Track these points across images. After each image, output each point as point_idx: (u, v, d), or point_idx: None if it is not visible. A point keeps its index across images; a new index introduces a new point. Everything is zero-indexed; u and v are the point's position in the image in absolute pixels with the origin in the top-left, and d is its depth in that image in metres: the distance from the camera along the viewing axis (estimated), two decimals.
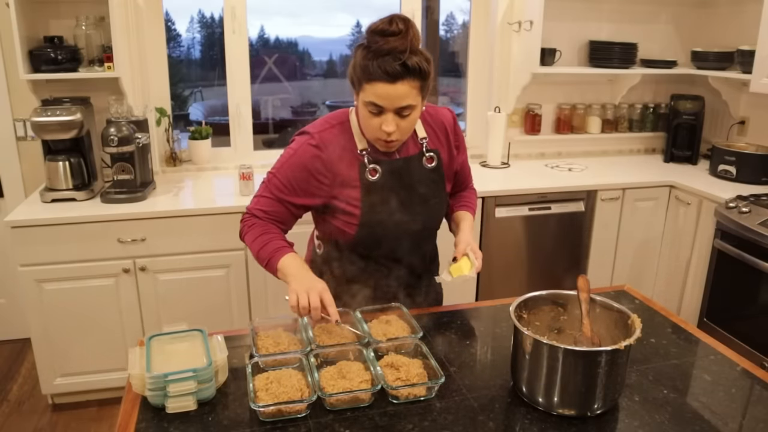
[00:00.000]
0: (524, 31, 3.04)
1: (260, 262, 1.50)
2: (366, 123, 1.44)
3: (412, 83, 1.36)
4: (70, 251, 2.37)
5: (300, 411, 1.15)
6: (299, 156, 1.49)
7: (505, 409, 1.19)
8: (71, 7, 2.66)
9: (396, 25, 1.34)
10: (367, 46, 1.37)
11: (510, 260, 2.91)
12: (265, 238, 1.49)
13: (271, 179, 1.52)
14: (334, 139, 1.50)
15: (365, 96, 1.38)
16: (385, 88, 1.35)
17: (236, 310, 2.61)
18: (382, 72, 1.33)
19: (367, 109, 1.40)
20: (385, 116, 1.39)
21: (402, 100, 1.36)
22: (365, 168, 1.49)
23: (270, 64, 3.62)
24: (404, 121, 1.40)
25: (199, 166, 3.03)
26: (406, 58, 1.33)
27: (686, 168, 3.26)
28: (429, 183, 1.56)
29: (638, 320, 1.19)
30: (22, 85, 2.61)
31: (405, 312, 1.47)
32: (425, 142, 1.56)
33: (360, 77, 1.38)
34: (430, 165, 1.56)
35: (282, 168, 1.51)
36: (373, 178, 1.50)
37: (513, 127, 3.37)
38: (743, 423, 1.16)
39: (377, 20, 1.36)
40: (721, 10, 3.35)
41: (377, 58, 1.34)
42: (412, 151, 1.56)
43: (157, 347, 1.26)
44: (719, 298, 2.65)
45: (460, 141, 1.65)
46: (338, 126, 1.52)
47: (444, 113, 1.62)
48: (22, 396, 2.71)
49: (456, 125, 1.63)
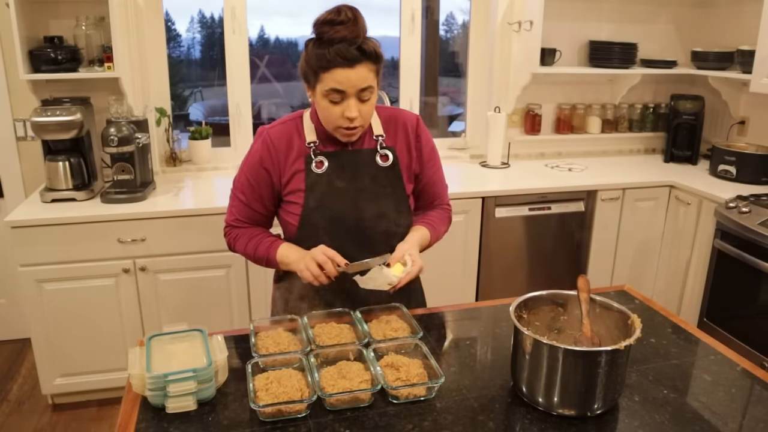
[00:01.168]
0: (524, 31, 3.04)
1: (260, 264, 1.58)
2: (327, 114, 1.44)
3: (369, 66, 1.39)
4: (70, 251, 2.37)
5: (300, 411, 1.15)
6: (252, 155, 1.55)
7: (505, 409, 1.19)
8: (71, 7, 2.66)
9: (345, 14, 1.36)
10: (318, 38, 1.38)
11: (510, 260, 2.91)
12: (254, 243, 1.57)
13: (236, 186, 1.59)
14: (284, 134, 1.53)
15: (324, 85, 1.39)
16: (345, 73, 1.36)
17: (236, 310, 2.61)
18: (340, 58, 1.35)
19: (328, 98, 1.41)
20: (347, 102, 1.40)
21: (362, 82, 1.38)
22: (311, 160, 1.51)
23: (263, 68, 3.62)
24: (365, 105, 1.42)
25: (199, 166, 3.03)
26: (360, 43, 1.36)
27: (686, 168, 3.26)
28: (381, 180, 1.54)
29: (638, 320, 1.19)
30: (22, 85, 2.61)
31: (405, 312, 1.47)
32: (381, 139, 1.56)
33: (316, 68, 1.39)
34: (385, 163, 1.55)
35: (242, 172, 1.57)
36: (318, 170, 1.51)
37: (513, 127, 3.37)
38: (743, 423, 1.16)
39: (324, 12, 1.39)
40: (721, 10, 3.35)
41: (332, 45, 1.35)
42: (366, 146, 1.56)
43: (157, 347, 1.25)
44: (719, 298, 2.65)
45: (426, 148, 1.61)
46: (289, 122, 1.55)
47: (408, 116, 1.62)
48: (22, 396, 2.71)
49: (420, 130, 1.61)
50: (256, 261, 1.58)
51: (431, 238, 1.62)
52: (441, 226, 1.67)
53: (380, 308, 1.49)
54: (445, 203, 1.72)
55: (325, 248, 1.45)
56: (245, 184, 1.56)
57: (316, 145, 1.52)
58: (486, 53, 3.29)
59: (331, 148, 1.54)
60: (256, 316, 2.63)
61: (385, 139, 1.57)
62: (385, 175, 1.55)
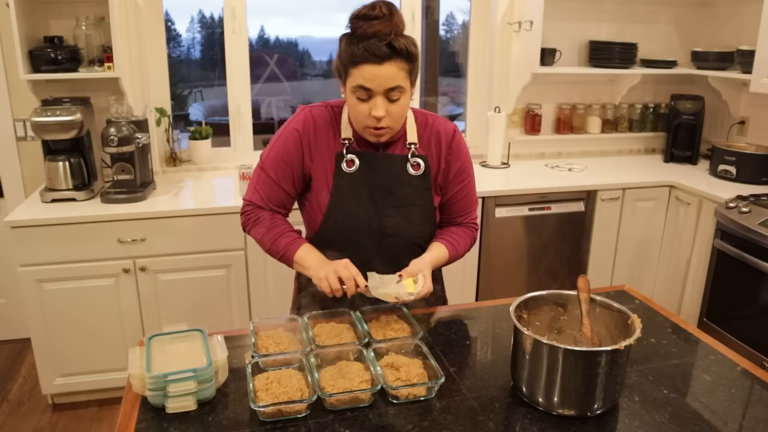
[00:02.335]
0: (524, 31, 3.04)
1: (273, 256, 1.51)
2: (355, 111, 1.40)
3: (400, 64, 1.35)
4: (70, 251, 2.37)
5: (300, 411, 1.15)
6: (290, 128, 1.50)
7: (505, 409, 1.19)
8: (71, 7, 2.66)
9: (380, 9, 1.33)
10: (351, 33, 1.36)
11: (510, 260, 2.91)
12: (274, 233, 1.48)
13: (265, 162, 1.51)
14: (325, 117, 1.50)
15: (352, 81, 1.36)
16: (372, 70, 1.33)
17: (236, 310, 2.61)
18: (368, 54, 1.31)
19: (356, 95, 1.37)
20: (374, 101, 1.36)
21: (390, 81, 1.34)
22: (342, 158, 1.48)
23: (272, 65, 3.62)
24: (394, 106, 1.38)
25: (199, 166, 3.03)
26: (392, 39, 1.32)
27: (686, 168, 3.26)
28: (409, 188, 1.51)
29: (638, 320, 1.19)
30: (22, 85, 2.61)
31: (405, 312, 1.47)
32: (414, 147, 1.52)
33: (346, 63, 1.36)
34: (416, 172, 1.51)
35: (273, 147, 1.50)
36: (349, 170, 1.48)
37: (513, 127, 3.37)
38: (743, 423, 1.15)
39: (360, 6, 1.35)
40: (721, 10, 3.35)
41: (362, 41, 1.32)
42: (398, 152, 1.52)
43: (157, 347, 1.25)
44: (719, 298, 2.65)
45: (456, 161, 1.55)
46: (333, 108, 1.52)
47: (445, 125, 1.56)
48: (22, 396, 2.71)
49: (455, 142, 1.55)
50: (271, 252, 1.50)
51: (449, 256, 1.55)
52: (462, 245, 1.59)
53: (380, 308, 1.49)
54: (470, 221, 1.63)
55: (350, 264, 1.39)
56: (277, 160, 1.48)
57: (350, 143, 1.48)
58: (486, 53, 3.29)
59: (364, 148, 1.50)
60: (256, 316, 2.63)
61: (419, 148, 1.52)
62: (414, 185, 1.51)
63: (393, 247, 1.52)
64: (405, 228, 1.52)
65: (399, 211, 1.51)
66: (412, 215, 1.52)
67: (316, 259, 1.45)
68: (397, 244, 1.52)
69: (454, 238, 1.58)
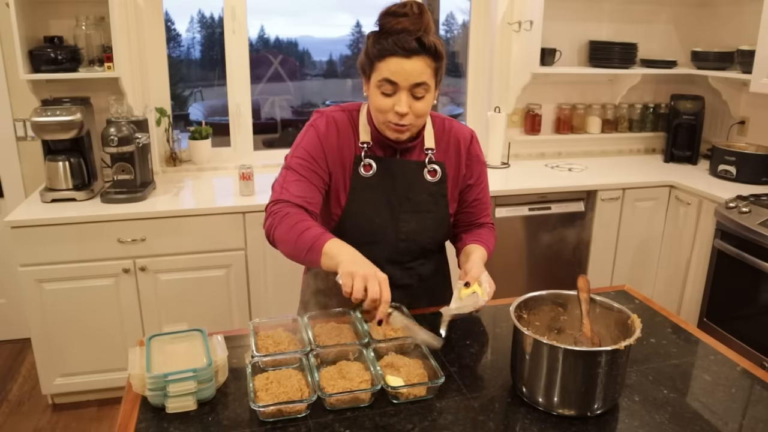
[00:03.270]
0: (524, 31, 3.04)
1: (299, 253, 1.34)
2: (378, 106, 1.38)
3: (427, 61, 1.34)
4: (70, 251, 2.37)
5: (300, 411, 1.15)
6: (315, 128, 1.48)
7: (505, 409, 1.19)
8: (71, 7, 2.66)
9: (410, 7, 1.33)
10: (380, 28, 1.35)
11: (510, 260, 2.91)
12: (301, 226, 1.34)
13: (293, 163, 1.45)
14: (345, 122, 1.49)
15: (378, 75, 1.35)
16: (400, 63, 1.32)
17: (236, 310, 2.61)
18: (397, 47, 1.31)
19: (380, 89, 1.36)
20: (398, 95, 1.35)
21: (417, 76, 1.33)
22: (360, 161, 1.48)
23: (276, 65, 3.62)
24: (418, 103, 1.37)
25: (199, 166, 3.03)
26: (421, 35, 1.32)
27: (686, 168, 3.26)
28: (426, 195, 1.51)
29: (638, 320, 1.19)
30: (22, 85, 2.61)
31: (405, 312, 1.47)
32: (431, 153, 1.51)
33: (372, 57, 1.35)
34: (433, 178, 1.51)
35: (299, 147, 1.48)
36: (366, 174, 1.47)
37: (513, 127, 3.37)
38: (743, 423, 1.15)
39: (390, 4, 1.35)
40: (721, 10, 3.35)
41: (391, 35, 1.32)
42: (416, 158, 1.51)
43: (157, 347, 1.25)
44: (719, 298, 2.65)
45: (476, 167, 1.57)
46: (349, 112, 1.51)
47: (463, 130, 1.56)
48: (22, 396, 2.71)
49: (473, 147, 1.56)
50: (296, 249, 1.33)
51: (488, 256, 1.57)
52: (492, 245, 1.61)
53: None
54: (489, 221, 1.66)
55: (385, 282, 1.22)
56: (307, 159, 1.44)
57: (368, 146, 1.48)
58: (486, 53, 3.29)
59: (381, 153, 1.49)
60: (256, 316, 2.63)
61: (436, 154, 1.51)
62: (429, 191, 1.51)
63: (405, 252, 1.53)
64: (419, 233, 1.52)
65: (414, 217, 1.51)
66: (427, 221, 1.52)
67: (349, 252, 1.28)
68: (410, 248, 1.53)
69: (484, 238, 1.60)
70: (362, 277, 1.20)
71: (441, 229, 1.56)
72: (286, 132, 3.86)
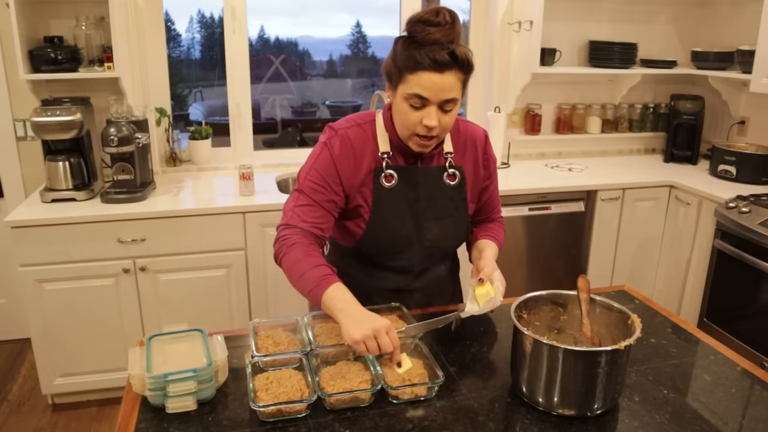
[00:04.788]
0: (524, 31, 3.04)
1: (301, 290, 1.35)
2: (404, 118, 1.35)
3: (458, 75, 1.30)
4: (70, 251, 2.37)
5: (300, 411, 1.15)
6: (329, 150, 1.43)
7: (505, 409, 1.19)
8: (71, 7, 2.66)
9: (443, 16, 1.28)
10: (410, 37, 1.30)
11: (510, 260, 2.91)
12: (304, 265, 1.32)
13: (305, 185, 1.43)
14: (361, 137, 1.45)
15: (408, 88, 1.30)
16: (432, 78, 1.28)
17: (236, 310, 2.61)
18: (430, 60, 1.26)
19: (409, 102, 1.32)
20: (428, 110, 1.31)
21: (448, 92, 1.30)
22: (381, 173, 1.45)
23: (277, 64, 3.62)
24: (446, 116, 1.34)
25: (199, 166, 3.03)
26: (454, 48, 1.28)
27: (686, 168, 3.26)
28: (447, 200, 1.50)
29: (638, 320, 1.19)
30: (22, 85, 2.61)
31: (405, 312, 1.47)
32: (450, 157, 1.50)
33: (402, 68, 1.30)
34: (452, 182, 1.50)
35: (312, 168, 1.43)
36: (388, 185, 1.45)
37: (513, 127, 3.37)
38: (743, 423, 1.16)
39: (420, 11, 1.30)
40: (721, 10, 3.35)
41: (423, 47, 1.27)
42: (435, 163, 1.50)
43: (157, 347, 1.25)
44: (719, 298, 2.65)
45: (490, 164, 1.58)
46: (363, 126, 1.47)
47: (477, 130, 1.56)
48: (22, 396, 2.71)
49: (487, 146, 1.57)
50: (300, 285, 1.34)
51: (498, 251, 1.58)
52: (502, 239, 1.63)
53: (380, 308, 1.49)
54: (500, 216, 1.68)
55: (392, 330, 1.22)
56: (320, 182, 1.41)
57: (389, 156, 1.45)
58: (486, 53, 3.29)
59: (402, 161, 1.47)
60: (256, 316, 2.63)
61: (454, 157, 1.50)
62: (450, 196, 1.50)
63: (428, 257, 1.54)
64: (442, 239, 1.52)
65: (437, 223, 1.50)
66: (449, 226, 1.52)
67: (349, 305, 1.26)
68: (433, 254, 1.54)
69: (495, 233, 1.61)
70: (370, 337, 1.19)
71: (462, 233, 1.56)
72: (286, 132, 3.86)
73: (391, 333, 1.21)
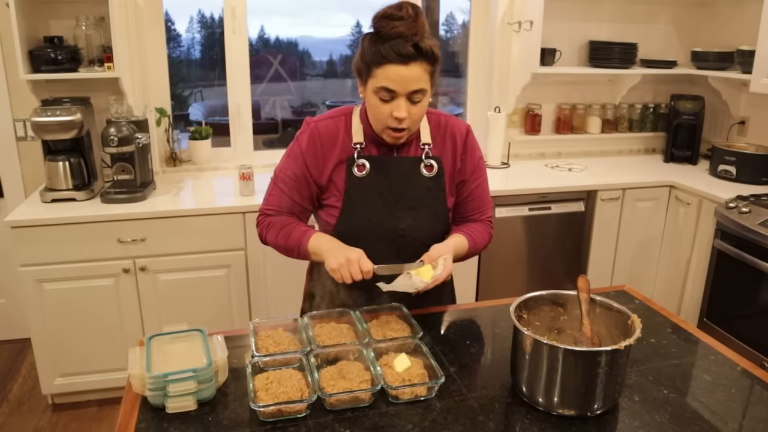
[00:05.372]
0: (524, 31, 3.04)
1: (291, 254, 1.51)
2: (375, 112, 1.41)
3: (424, 66, 1.35)
4: (70, 251, 2.37)
5: (300, 411, 1.15)
6: (298, 146, 1.52)
7: (505, 409, 1.19)
8: (71, 7, 2.66)
9: (406, 10, 1.32)
10: (376, 32, 1.35)
11: (510, 260, 2.91)
12: (286, 231, 1.50)
13: (277, 175, 1.55)
14: (332, 129, 1.51)
15: (376, 82, 1.36)
16: (398, 70, 1.33)
17: (236, 310, 2.61)
18: (395, 54, 1.31)
19: (378, 96, 1.37)
20: (396, 102, 1.36)
21: (415, 83, 1.35)
22: (353, 162, 1.49)
23: (276, 65, 3.62)
24: (415, 107, 1.38)
25: (199, 166, 3.03)
26: (418, 40, 1.32)
27: (686, 168, 3.26)
28: (422, 190, 1.51)
29: (638, 320, 1.19)
30: (22, 85, 2.61)
31: (405, 312, 1.47)
32: (428, 147, 1.52)
33: (369, 62, 1.35)
34: (429, 173, 1.52)
35: (285, 162, 1.54)
36: (359, 174, 1.48)
37: (513, 127, 3.37)
38: (743, 423, 1.16)
39: (385, 6, 1.34)
40: (721, 10, 3.35)
41: (388, 41, 1.32)
42: (412, 153, 1.53)
43: (157, 347, 1.25)
44: (719, 298, 2.65)
45: (472, 160, 1.57)
46: (338, 118, 1.52)
47: (458, 125, 1.57)
48: (22, 396, 2.71)
49: (469, 140, 1.57)
50: (288, 251, 1.51)
51: (468, 248, 1.55)
52: (480, 239, 1.59)
53: (380, 308, 1.49)
54: (486, 218, 1.64)
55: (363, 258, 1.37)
56: (288, 174, 1.51)
57: (361, 147, 1.49)
58: (486, 53, 3.29)
59: (376, 151, 1.51)
60: (256, 316, 2.63)
61: (432, 148, 1.53)
62: (427, 186, 1.52)
63: (405, 248, 1.53)
64: (417, 229, 1.52)
65: (412, 213, 1.51)
66: (425, 216, 1.53)
67: (329, 246, 1.43)
68: (409, 244, 1.53)
69: (472, 231, 1.58)
70: (344, 265, 1.36)
71: (439, 224, 1.56)
72: (287, 132, 3.86)
73: (362, 262, 1.36)
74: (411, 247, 1.53)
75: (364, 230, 1.50)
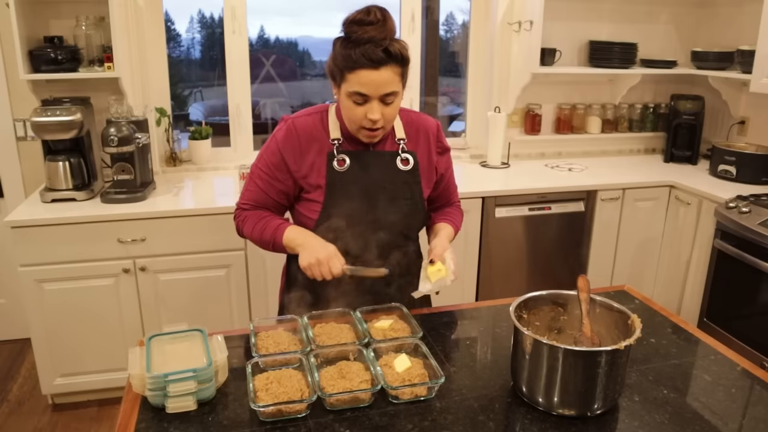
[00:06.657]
0: (524, 31, 3.04)
1: (266, 247, 1.55)
2: (350, 114, 1.44)
3: (395, 69, 1.39)
4: (70, 251, 2.37)
5: (300, 411, 1.15)
6: (275, 142, 1.54)
7: (505, 409, 1.19)
8: (71, 7, 2.66)
9: (374, 14, 1.36)
10: (346, 37, 1.38)
11: (510, 260, 2.91)
12: (261, 225, 1.54)
13: (253, 171, 1.57)
14: (309, 125, 1.53)
15: (349, 86, 1.39)
16: (370, 75, 1.36)
17: (236, 310, 2.61)
18: (365, 59, 1.35)
19: (351, 99, 1.41)
20: (370, 105, 1.40)
21: (386, 87, 1.38)
22: (333, 157, 1.51)
23: (268, 66, 3.62)
24: (388, 108, 1.42)
25: (199, 166, 3.03)
26: (387, 45, 1.35)
27: (686, 168, 3.26)
28: (400, 183, 1.55)
29: (638, 320, 1.19)
30: (22, 85, 2.61)
31: (405, 312, 1.47)
32: (403, 142, 1.57)
33: (342, 67, 1.39)
34: (406, 167, 1.56)
35: (262, 158, 1.56)
36: (340, 168, 1.51)
37: (513, 127, 3.37)
38: (743, 423, 1.16)
39: (354, 11, 1.38)
40: (721, 10, 3.35)
41: (359, 46, 1.35)
42: (388, 148, 1.56)
43: (157, 347, 1.25)
44: (719, 298, 2.65)
45: (445, 155, 1.65)
46: (315, 115, 1.55)
47: (429, 121, 1.63)
48: (22, 396, 2.71)
49: (440, 134, 1.64)
50: (263, 245, 1.55)
51: (454, 234, 1.66)
52: (459, 222, 1.72)
53: (380, 308, 1.49)
54: (457, 201, 1.77)
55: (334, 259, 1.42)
56: (264, 170, 1.54)
57: (339, 143, 1.52)
58: (486, 53, 3.29)
59: (354, 147, 1.54)
60: (256, 316, 2.63)
61: (407, 143, 1.58)
62: (404, 179, 1.55)
63: (385, 240, 1.56)
64: (396, 221, 1.56)
65: (391, 205, 1.54)
66: (403, 208, 1.56)
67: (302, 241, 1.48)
68: (389, 237, 1.56)
69: (453, 216, 1.71)
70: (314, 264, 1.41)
71: (418, 215, 1.61)
72: None
73: (332, 262, 1.41)
74: (390, 240, 1.56)
75: (347, 223, 1.52)
